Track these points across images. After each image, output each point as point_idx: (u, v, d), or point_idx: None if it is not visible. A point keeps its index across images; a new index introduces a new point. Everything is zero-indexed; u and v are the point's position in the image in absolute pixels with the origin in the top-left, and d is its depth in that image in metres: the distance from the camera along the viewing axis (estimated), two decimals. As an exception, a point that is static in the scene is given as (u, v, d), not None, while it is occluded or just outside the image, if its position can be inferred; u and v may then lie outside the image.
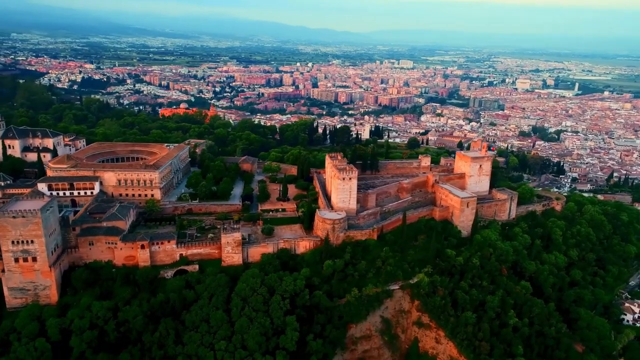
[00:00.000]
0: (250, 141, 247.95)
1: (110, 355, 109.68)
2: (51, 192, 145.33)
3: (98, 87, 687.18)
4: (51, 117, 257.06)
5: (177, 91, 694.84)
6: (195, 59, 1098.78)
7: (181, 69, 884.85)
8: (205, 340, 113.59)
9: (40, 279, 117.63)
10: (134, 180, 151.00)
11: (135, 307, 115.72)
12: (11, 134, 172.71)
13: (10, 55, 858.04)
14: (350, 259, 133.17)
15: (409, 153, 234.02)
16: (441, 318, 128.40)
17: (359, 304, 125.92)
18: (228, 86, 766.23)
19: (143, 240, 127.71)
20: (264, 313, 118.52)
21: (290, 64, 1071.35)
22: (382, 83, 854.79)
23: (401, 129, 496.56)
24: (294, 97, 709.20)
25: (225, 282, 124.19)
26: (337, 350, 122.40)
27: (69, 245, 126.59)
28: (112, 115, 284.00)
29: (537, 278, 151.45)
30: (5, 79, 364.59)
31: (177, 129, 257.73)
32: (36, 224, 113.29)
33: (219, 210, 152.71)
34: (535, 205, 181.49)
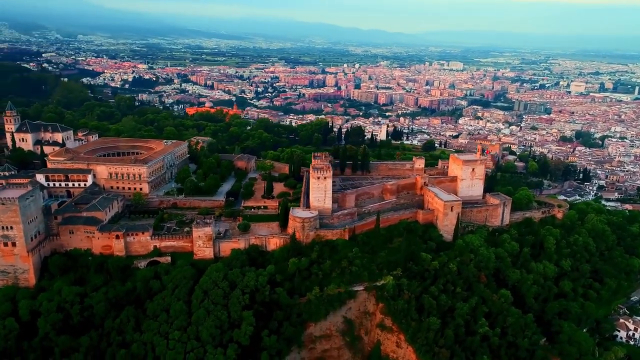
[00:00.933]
0: (262, 140, 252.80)
1: (72, 338, 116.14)
2: (48, 182, 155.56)
3: (147, 86, 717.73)
4: (79, 113, 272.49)
5: (221, 91, 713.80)
6: (245, 60, 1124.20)
7: (229, 69, 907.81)
8: (162, 329, 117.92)
9: (20, 263, 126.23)
10: (124, 174, 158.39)
11: (100, 294, 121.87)
12: (25, 128, 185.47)
13: (72, 55, 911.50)
14: (317, 258, 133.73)
15: (402, 155, 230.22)
16: (403, 322, 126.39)
17: (319, 303, 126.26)
18: (271, 86, 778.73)
19: (118, 231, 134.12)
20: (222, 306, 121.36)
21: (336, 65, 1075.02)
22: (427, 85, 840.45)
23: (435, 131, 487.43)
24: (334, 97, 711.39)
25: (190, 274, 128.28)
26: (293, 348, 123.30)
27: (51, 232, 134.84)
28: (137, 112, 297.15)
29: (519, 287, 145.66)
30: (49, 77, 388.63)
31: (193, 127, 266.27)
32: (14, 211, 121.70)
33: (203, 206, 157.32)
34: (533, 212, 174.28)
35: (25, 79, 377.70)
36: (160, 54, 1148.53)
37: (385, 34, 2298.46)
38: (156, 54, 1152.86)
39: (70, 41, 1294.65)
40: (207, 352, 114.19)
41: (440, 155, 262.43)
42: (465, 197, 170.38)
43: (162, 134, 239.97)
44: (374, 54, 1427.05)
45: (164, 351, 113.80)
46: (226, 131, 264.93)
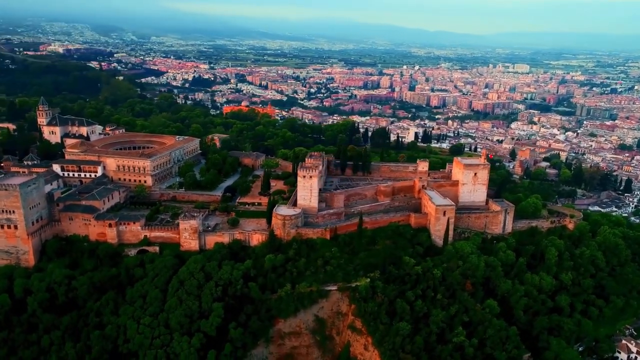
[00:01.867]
0: (285, 139, 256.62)
1: (55, 317, 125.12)
2: (63, 172, 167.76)
3: (205, 85, 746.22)
4: (121, 109, 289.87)
5: (274, 91, 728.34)
6: (305, 61, 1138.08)
7: (287, 70, 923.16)
8: (135, 314, 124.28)
9: (21, 245, 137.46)
10: (130, 167, 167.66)
11: (85, 278, 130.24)
12: (54, 122, 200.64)
13: (140, 56, 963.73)
14: (293, 256, 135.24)
15: (405, 156, 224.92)
16: (371, 325, 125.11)
17: (289, 300, 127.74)
18: (325, 87, 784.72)
19: (111, 220, 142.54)
20: (195, 297, 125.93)
21: (395, 66, 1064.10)
22: (485, 87, 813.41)
23: (483, 135, 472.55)
24: (385, 99, 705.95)
25: (171, 264, 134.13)
26: (260, 342, 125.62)
27: (53, 218, 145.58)
28: (172, 110, 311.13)
29: (509, 299, 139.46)
30: (102, 75, 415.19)
31: (221, 125, 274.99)
32: (15, 197, 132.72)
33: (200, 200, 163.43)
34: (540, 221, 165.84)
35: (83, 77, 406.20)
36: (225, 55, 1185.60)
37: (451, 36, 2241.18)
38: (221, 54, 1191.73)
39: (143, 42, 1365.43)
40: (174, 339, 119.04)
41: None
42: (467, 203, 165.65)
43: (189, 130, 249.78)
44: (437, 55, 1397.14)
45: (134, 335, 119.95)
46: (252, 130, 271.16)
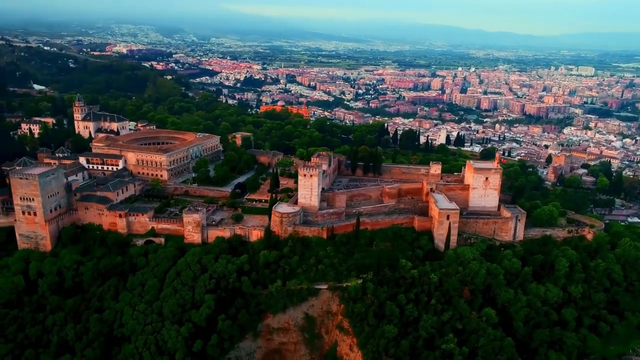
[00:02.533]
0: (313, 138, 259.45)
1: (61, 299, 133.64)
2: (89, 165, 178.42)
3: (256, 85, 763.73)
4: (161, 107, 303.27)
5: (321, 91, 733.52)
6: (358, 62, 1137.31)
7: (338, 71, 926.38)
8: (133, 301, 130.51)
9: (39, 231, 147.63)
10: (148, 161, 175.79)
11: (91, 264, 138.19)
12: (88, 117, 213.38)
13: (197, 56, 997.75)
14: (288, 253, 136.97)
15: (418, 159, 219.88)
16: (357, 325, 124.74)
17: (279, 296, 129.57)
18: (374, 89, 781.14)
19: (121, 211, 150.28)
20: (189, 288, 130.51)
21: (450, 68, 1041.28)
22: (543, 90, 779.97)
23: (531, 140, 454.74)
24: (434, 101, 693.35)
25: (172, 255, 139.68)
26: (247, 335, 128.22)
27: (71, 207, 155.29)
28: (208, 108, 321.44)
29: (509, 308, 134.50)
30: (150, 75, 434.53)
31: (251, 123, 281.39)
32: (35, 185, 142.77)
33: (210, 195, 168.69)
34: (555, 230, 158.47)
35: (134, 77, 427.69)
36: (279, 56, 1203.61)
37: (513, 37, 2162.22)
38: (276, 55, 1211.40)
39: (203, 43, 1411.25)
40: (165, 326, 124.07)
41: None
42: (477, 208, 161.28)
43: (218, 128, 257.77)
44: (496, 57, 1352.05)
45: (128, 320, 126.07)
46: (281, 129, 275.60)
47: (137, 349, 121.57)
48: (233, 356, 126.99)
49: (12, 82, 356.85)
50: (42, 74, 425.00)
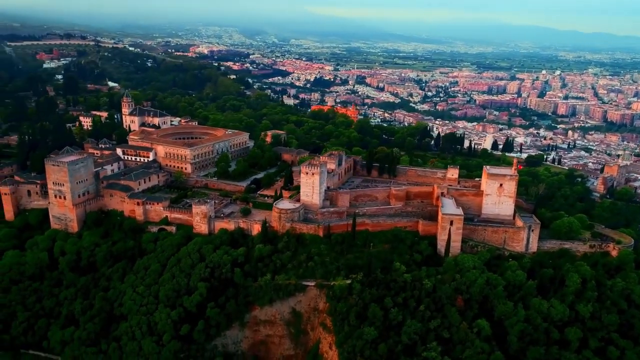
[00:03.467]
0: (350, 139, 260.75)
1: (76, 276, 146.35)
2: (124, 156, 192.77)
3: (325, 85, 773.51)
4: (208, 104, 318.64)
5: (388, 93, 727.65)
6: (435, 64, 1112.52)
7: (411, 72, 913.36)
8: (135, 283, 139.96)
9: (68, 213, 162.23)
10: (174, 154, 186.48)
11: (106, 247, 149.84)
12: (134, 112, 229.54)
13: (272, 57, 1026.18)
14: (282, 248, 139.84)
15: (435, 162, 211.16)
16: (338, 325, 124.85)
17: (267, 289, 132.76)
18: (444, 91, 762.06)
19: (139, 199, 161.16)
20: (186, 275, 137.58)
21: (532, 71, 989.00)
22: (635, 96, 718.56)
23: (606, 149, 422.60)
24: (506, 105, 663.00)
25: (177, 243, 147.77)
26: (234, 325, 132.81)
27: (99, 194, 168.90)
28: (259, 107, 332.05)
29: (505, 322, 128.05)
30: (213, 74, 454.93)
31: (294, 122, 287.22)
32: (64, 172, 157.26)
33: (227, 189, 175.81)
34: (575, 243, 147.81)
35: (199, 75, 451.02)
36: (356, 57, 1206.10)
37: (610, 38, 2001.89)
38: (352, 56, 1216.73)
39: (282, 45, 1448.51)
40: (158, 309, 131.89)
41: (539, 173, 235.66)
42: (491, 215, 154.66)
43: (259, 125, 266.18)
44: (588, 60, 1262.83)
45: (127, 300, 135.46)
46: (321, 129, 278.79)
47: (131, 327, 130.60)
48: (219, 343, 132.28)
49: (90, 79, 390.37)
50: (119, 72, 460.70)
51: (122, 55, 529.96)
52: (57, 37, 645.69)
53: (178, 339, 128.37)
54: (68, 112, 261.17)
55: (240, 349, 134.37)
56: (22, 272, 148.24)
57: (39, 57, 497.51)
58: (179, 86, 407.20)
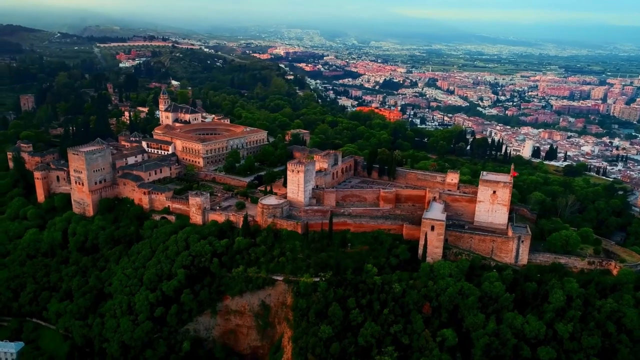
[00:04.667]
0: (380, 140, 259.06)
1: (80, 255, 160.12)
2: (149, 148, 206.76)
3: (393, 87, 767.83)
4: (250, 102, 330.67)
5: (457, 96, 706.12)
6: (518, 67, 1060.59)
7: (488, 76, 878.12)
8: (126, 265, 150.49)
9: (86, 198, 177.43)
10: (190, 148, 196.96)
11: (109, 231, 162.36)
12: (169, 109, 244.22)
13: (346, 59, 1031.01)
14: (260, 242, 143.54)
15: (436, 166, 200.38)
16: (296, 320, 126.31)
17: (238, 280, 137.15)
18: (519, 96, 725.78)
19: (145, 189, 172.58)
20: (170, 261, 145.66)
21: (626, 76, 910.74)
22: None
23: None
24: (586, 111, 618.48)
25: (170, 232, 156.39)
26: (206, 311, 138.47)
27: (115, 182, 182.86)
28: (300, 107, 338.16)
29: (471, 333, 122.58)
30: (267, 74, 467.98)
31: (329, 122, 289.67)
32: (82, 161, 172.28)
33: (232, 183, 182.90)
34: (572, 258, 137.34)
35: (258, 76, 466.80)
36: (434, 59, 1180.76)
37: None
38: (430, 59, 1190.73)
39: (362, 47, 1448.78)
40: (140, 291, 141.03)
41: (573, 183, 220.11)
42: (484, 223, 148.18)
43: (292, 124, 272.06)
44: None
45: (115, 281, 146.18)
46: (354, 130, 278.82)
47: (114, 305, 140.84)
48: (191, 328, 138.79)
49: (155, 78, 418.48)
50: (186, 71, 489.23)
51: (193, 56, 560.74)
52: (142, 39, 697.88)
53: (152, 321, 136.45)
54: (118, 108, 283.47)
55: (212, 336, 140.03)
56: (37, 248, 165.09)
57: (118, 57, 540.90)
58: (235, 85, 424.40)
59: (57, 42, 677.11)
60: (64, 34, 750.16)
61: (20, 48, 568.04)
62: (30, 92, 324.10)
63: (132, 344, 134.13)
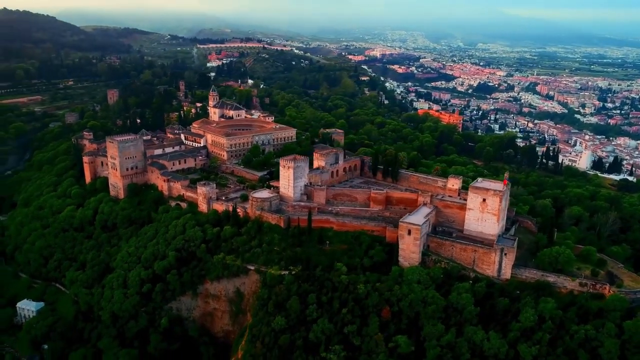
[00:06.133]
0: (423, 144, 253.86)
1: (101, 232, 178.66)
2: (186, 140, 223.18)
3: (486, 91, 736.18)
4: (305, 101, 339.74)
5: (556, 102, 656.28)
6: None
7: (601, 81, 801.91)
8: (131, 244, 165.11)
9: (118, 182, 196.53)
10: (217, 142, 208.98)
11: (128, 211, 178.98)
12: (217, 105, 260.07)
13: (442, 61, 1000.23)
14: (244, 233, 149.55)
15: (439, 169, 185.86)
16: (257, 309, 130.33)
17: (217, 265, 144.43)
18: (631, 103, 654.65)
19: (165, 177, 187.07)
20: (167, 243, 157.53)
21: None
22: None
23: None
24: None
25: (174, 216, 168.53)
26: (187, 292, 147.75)
27: (145, 170, 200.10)
28: (356, 107, 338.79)
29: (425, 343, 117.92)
30: (337, 75, 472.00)
31: (377, 123, 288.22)
32: (115, 148, 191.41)
33: (246, 176, 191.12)
34: (562, 277, 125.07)
35: (332, 76, 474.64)
36: (545, 63, 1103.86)
37: None
38: (541, 62, 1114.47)
39: (467, 49, 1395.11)
40: (136, 268, 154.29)
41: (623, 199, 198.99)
42: (474, 233, 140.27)
43: (335, 124, 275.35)
44: None
45: (119, 257, 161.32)
46: (399, 132, 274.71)
47: (112, 278, 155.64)
48: (174, 306, 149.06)
49: (234, 77, 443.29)
50: (266, 72, 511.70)
51: (279, 57, 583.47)
52: (239, 40, 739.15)
53: (140, 295, 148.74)
54: (180, 103, 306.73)
55: (192, 316, 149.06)
56: (71, 223, 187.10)
57: (209, 57, 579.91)
58: (306, 86, 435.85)
59: (164, 43, 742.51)
60: (173, 36, 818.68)
61: (130, 49, 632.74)
62: (118, 88, 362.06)
63: (121, 315, 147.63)
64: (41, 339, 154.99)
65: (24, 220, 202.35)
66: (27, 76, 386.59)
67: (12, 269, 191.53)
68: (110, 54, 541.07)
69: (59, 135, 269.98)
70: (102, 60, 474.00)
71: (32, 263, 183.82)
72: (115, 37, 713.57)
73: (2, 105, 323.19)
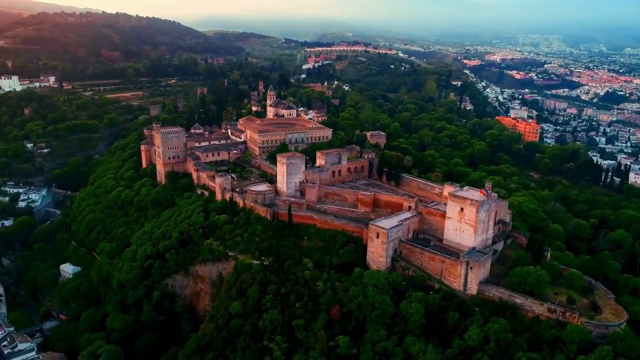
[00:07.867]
0: (474, 151, 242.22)
1: (134, 211, 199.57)
2: (231, 135, 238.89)
3: (613, 101, 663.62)
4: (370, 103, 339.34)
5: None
6: None
7: None
8: (152, 223, 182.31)
9: (162, 170, 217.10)
10: (252, 138, 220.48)
11: (155, 195, 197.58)
12: (273, 104, 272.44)
13: (570, 67, 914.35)
14: (235, 222, 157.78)
15: (440, 176, 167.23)
16: (220, 293, 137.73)
17: (205, 249, 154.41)
18: None
19: (196, 167, 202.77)
20: (176, 226, 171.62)
21: None
22: None
23: None
24: None
25: (191, 202, 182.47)
26: (180, 272, 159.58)
27: (185, 160, 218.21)
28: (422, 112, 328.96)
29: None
30: (424, 80, 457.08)
31: (435, 129, 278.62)
32: (159, 139, 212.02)
33: (268, 171, 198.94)
34: (529, 300, 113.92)
35: (418, 80, 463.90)
36: None
37: None
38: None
39: (611, 54, 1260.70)
40: (145, 245, 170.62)
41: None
42: (452, 243, 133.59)
43: (389, 127, 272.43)
44: None
45: (136, 234, 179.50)
46: (455, 138, 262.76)
47: (127, 252, 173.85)
48: (169, 283, 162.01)
49: (320, 79, 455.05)
50: (356, 74, 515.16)
51: (376, 60, 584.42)
52: (345, 44, 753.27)
53: (143, 269, 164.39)
54: (250, 101, 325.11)
55: (183, 293, 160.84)
56: (116, 202, 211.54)
57: (308, 60, 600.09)
58: (390, 89, 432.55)
59: (276, 46, 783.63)
60: (288, 39, 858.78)
61: (241, 51, 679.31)
62: (208, 86, 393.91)
63: (125, 284, 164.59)
64: (69, 297, 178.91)
65: (85, 196, 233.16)
66: (136, 74, 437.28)
67: (68, 236, 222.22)
68: (220, 56, 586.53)
69: (143, 125, 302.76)
70: (207, 62, 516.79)
71: (80, 233, 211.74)
72: (232, 41, 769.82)
73: (106, 99, 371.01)
